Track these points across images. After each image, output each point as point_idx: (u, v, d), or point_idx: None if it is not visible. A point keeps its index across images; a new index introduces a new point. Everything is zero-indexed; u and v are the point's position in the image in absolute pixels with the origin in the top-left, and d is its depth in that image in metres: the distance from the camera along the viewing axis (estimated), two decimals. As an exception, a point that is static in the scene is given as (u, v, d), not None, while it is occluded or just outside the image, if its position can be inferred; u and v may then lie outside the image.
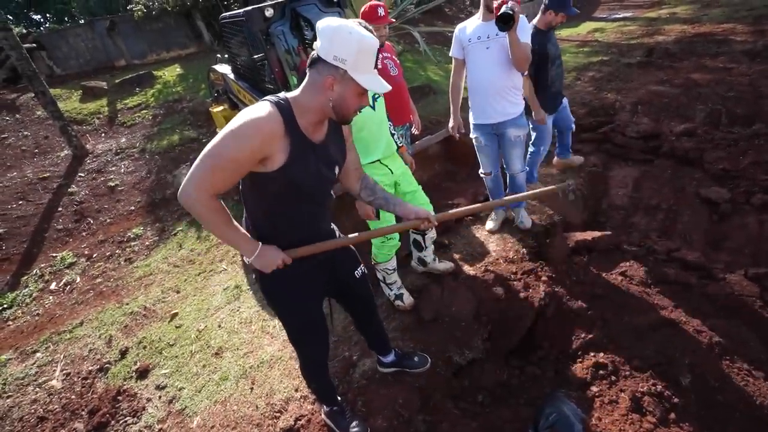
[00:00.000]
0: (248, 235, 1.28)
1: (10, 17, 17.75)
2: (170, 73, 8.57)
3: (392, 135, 2.31)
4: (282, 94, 1.20)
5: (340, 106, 1.19)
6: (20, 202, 5.16)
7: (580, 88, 5.84)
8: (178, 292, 3.33)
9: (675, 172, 3.63)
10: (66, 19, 16.06)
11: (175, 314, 3.03)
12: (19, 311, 3.73)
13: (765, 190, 3.14)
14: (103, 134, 6.67)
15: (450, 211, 1.51)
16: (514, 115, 2.57)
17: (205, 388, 2.32)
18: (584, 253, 2.70)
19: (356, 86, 1.16)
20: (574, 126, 3.60)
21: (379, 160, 2.12)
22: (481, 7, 2.44)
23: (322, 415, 1.92)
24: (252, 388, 2.23)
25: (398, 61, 2.88)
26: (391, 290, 2.45)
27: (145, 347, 2.80)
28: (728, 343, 1.97)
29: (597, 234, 2.82)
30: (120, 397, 2.44)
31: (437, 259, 2.68)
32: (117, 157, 5.98)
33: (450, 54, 2.65)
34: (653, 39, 7.50)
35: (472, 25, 2.51)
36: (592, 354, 1.94)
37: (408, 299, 2.43)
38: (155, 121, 6.79)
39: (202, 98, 7.11)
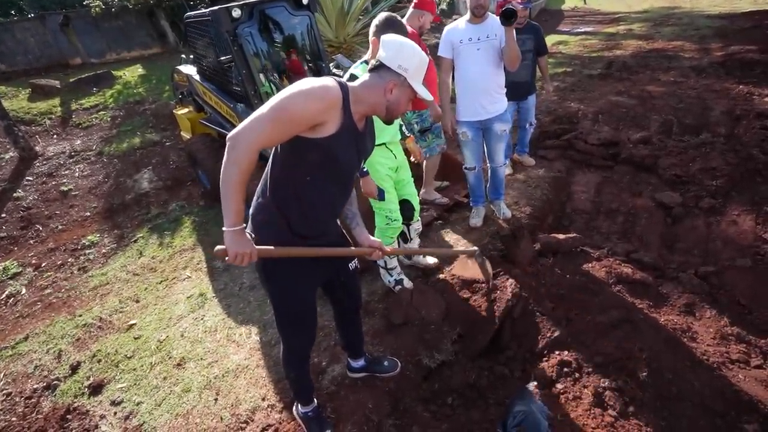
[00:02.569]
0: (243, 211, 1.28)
1: (-48, 10, 16.45)
2: (131, 73, 8.22)
3: (401, 126, 2.45)
4: (345, 81, 1.31)
5: (394, 108, 1.35)
6: (-43, 208, 4.75)
7: (546, 96, 6.07)
8: (137, 301, 3.15)
9: (633, 178, 3.83)
10: (13, 12, 15.07)
11: (133, 325, 2.87)
12: (-46, 327, 3.41)
13: (711, 194, 3.37)
14: (55, 136, 6.28)
15: (401, 247, 1.63)
16: (500, 111, 2.75)
17: (165, 402, 2.19)
18: (550, 255, 2.78)
19: (411, 92, 1.35)
20: (532, 126, 3.86)
21: (385, 144, 2.25)
22: (469, 12, 2.60)
23: (295, 415, 1.86)
24: (216, 399, 2.13)
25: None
26: (392, 276, 2.53)
27: (99, 361, 2.63)
28: (681, 337, 2.08)
29: (562, 236, 2.91)
30: (69, 416, 2.27)
31: (423, 254, 2.72)
32: (71, 160, 5.64)
33: (439, 54, 2.77)
34: (612, 53, 7.95)
35: (461, 27, 2.64)
36: (557, 352, 1.99)
37: (408, 283, 2.53)
38: (114, 123, 6.47)
39: (165, 100, 6.85)
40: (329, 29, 7.12)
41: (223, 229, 1.23)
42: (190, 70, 4.41)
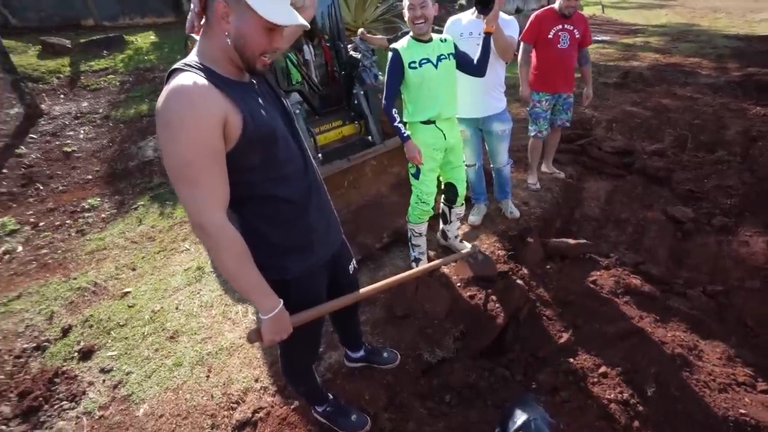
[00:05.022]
0: (269, 286, 1.06)
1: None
2: (143, 39, 8.07)
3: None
4: (182, 61, 0.97)
5: (242, 45, 0.93)
6: (-42, 160, 4.66)
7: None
8: (133, 269, 3.09)
9: (645, 189, 3.77)
10: (30, -32, 14.77)
11: (128, 293, 2.81)
12: (-54, 280, 3.35)
13: (724, 212, 3.32)
14: (62, 96, 6.15)
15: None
16: (499, 109, 2.68)
17: (156, 374, 2.14)
18: (558, 260, 2.73)
19: (258, 18, 0.89)
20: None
21: (434, 123, 2.15)
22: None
23: (317, 417, 1.77)
24: (208, 377, 2.08)
25: (578, 33, 3.06)
26: (413, 252, 2.53)
27: (91, 326, 2.57)
28: (688, 355, 2.03)
29: (571, 242, 2.86)
30: (57, 380, 2.22)
31: (460, 237, 2.70)
32: (76, 121, 5.53)
33: None
34: (629, 63, 7.84)
35: (465, 19, 2.54)
36: (562, 359, 1.94)
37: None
38: (123, 88, 6.35)
39: (176, 69, 6.73)
40: (348, 12, 6.99)
41: (260, 317, 1.06)
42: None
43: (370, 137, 3.88)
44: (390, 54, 2.07)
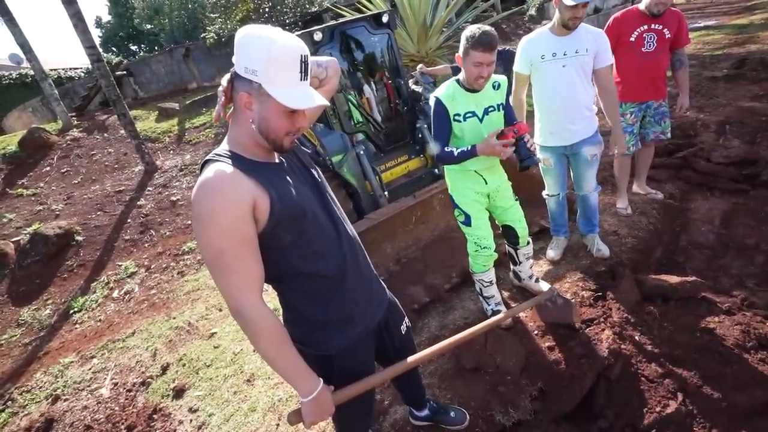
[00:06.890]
0: (308, 367, 1.06)
1: (114, 48, 20.52)
2: (235, 94, 9.20)
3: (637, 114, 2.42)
4: (214, 151, 1.02)
5: (266, 130, 0.98)
6: (98, 213, 5.71)
7: (654, 106, 5.26)
8: (220, 310, 3.38)
9: (777, 207, 3.06)
10: (156, 48, 18.10)
11: (215, 333, 3.07)
12: (86, 316, 4.04)
13: None
14: (171, 151, 7.24)
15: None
16: (590, 132, 2.39)
17: (233, 418, 2.27)
18: (659, 302, 2.31)
19: (278, 104, 0.94)
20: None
21: (475, 170, 2.05)
22: (556, 20, 2.22)
23: None
24: (278, 425, 2.13)
25: (668, 33, 2.71)
26: (488, 305, 2.33)
27: (184, 365, 2.85)
28: None
29: (676, 279, 2.41)
30: (155, 416, 2.48)
31: (535, 277, 2.47)
32: (181, 172, 6.43)
33: (515, 69, 2.43)
34: (744, 48, 6.68)
35: (543, 39, 2.29)
36: (669, 434, 1.59)
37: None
38: (216, 140, 7.25)
39: (260, 118, 7.51)
40: (411, 43, 7.13)
41: (301, 400, 1.06)
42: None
43: (436, 170, 3.82)
44: (433, 101, 1.94)
